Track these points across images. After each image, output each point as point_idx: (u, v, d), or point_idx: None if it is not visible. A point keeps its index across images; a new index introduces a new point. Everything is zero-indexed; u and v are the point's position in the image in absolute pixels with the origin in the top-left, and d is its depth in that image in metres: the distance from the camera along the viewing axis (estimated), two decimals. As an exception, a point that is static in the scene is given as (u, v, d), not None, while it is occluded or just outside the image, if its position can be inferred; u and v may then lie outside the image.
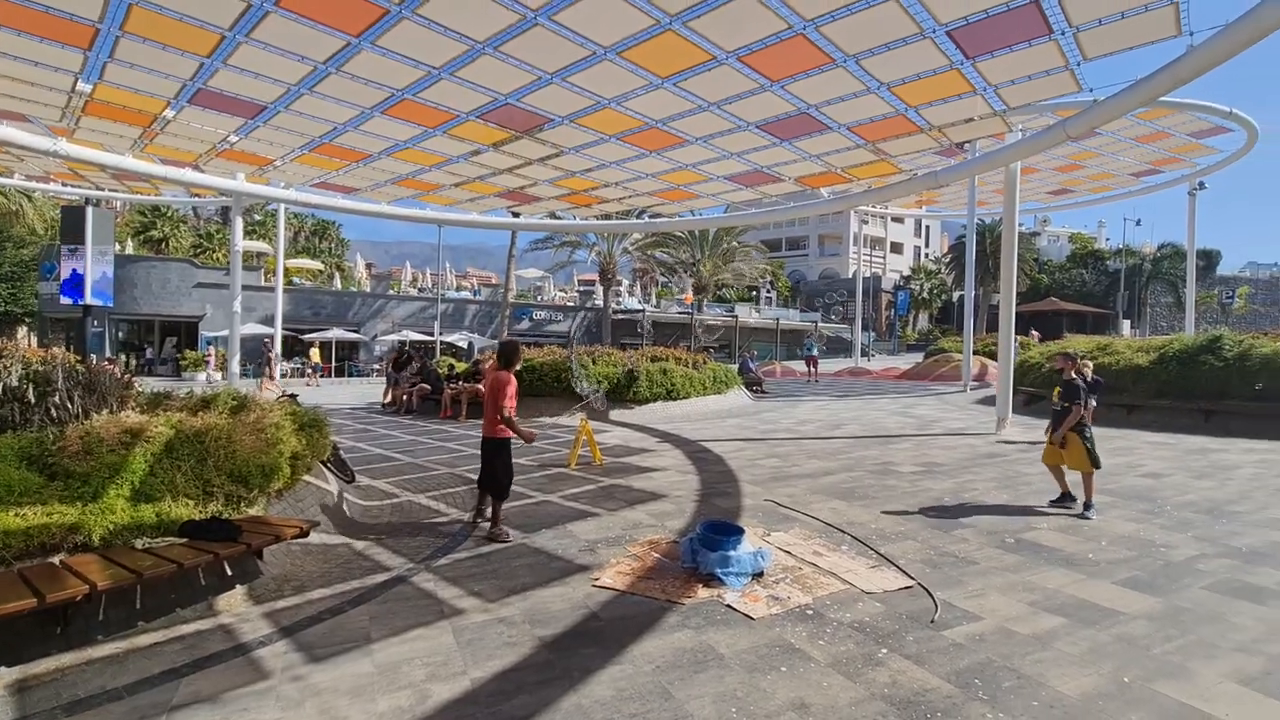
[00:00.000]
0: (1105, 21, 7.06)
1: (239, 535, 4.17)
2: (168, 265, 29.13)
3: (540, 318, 38.86)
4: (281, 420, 5.51)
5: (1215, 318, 45.60)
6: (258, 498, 4.97)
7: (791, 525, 5.78)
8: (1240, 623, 3.75)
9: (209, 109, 9.86)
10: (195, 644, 3.59)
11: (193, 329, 28.47)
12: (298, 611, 4.01)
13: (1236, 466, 8.25)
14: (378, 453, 9.81)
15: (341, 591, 4.32)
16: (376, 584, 4.46)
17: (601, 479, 7.74)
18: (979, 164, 13.02)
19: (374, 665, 3.35)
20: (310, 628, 3.79)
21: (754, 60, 8.06)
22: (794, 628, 3.74)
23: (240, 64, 8.33)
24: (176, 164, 12.92)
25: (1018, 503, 6.52)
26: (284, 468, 5.20)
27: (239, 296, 15.90)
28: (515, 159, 12.13)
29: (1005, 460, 8.87)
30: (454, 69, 8.42)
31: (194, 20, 7.29)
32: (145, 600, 3.81)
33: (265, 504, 5.10)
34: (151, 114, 10.11)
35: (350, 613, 4.00)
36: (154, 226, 36.89)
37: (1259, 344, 11.73)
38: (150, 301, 27.89)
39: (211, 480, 4.70)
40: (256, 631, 3.74)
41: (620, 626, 3.78)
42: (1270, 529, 5.53)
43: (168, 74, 8.66)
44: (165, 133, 11.00)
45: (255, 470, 4.94)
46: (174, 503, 4.37)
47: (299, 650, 3.52)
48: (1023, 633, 3.64)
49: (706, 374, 15.60)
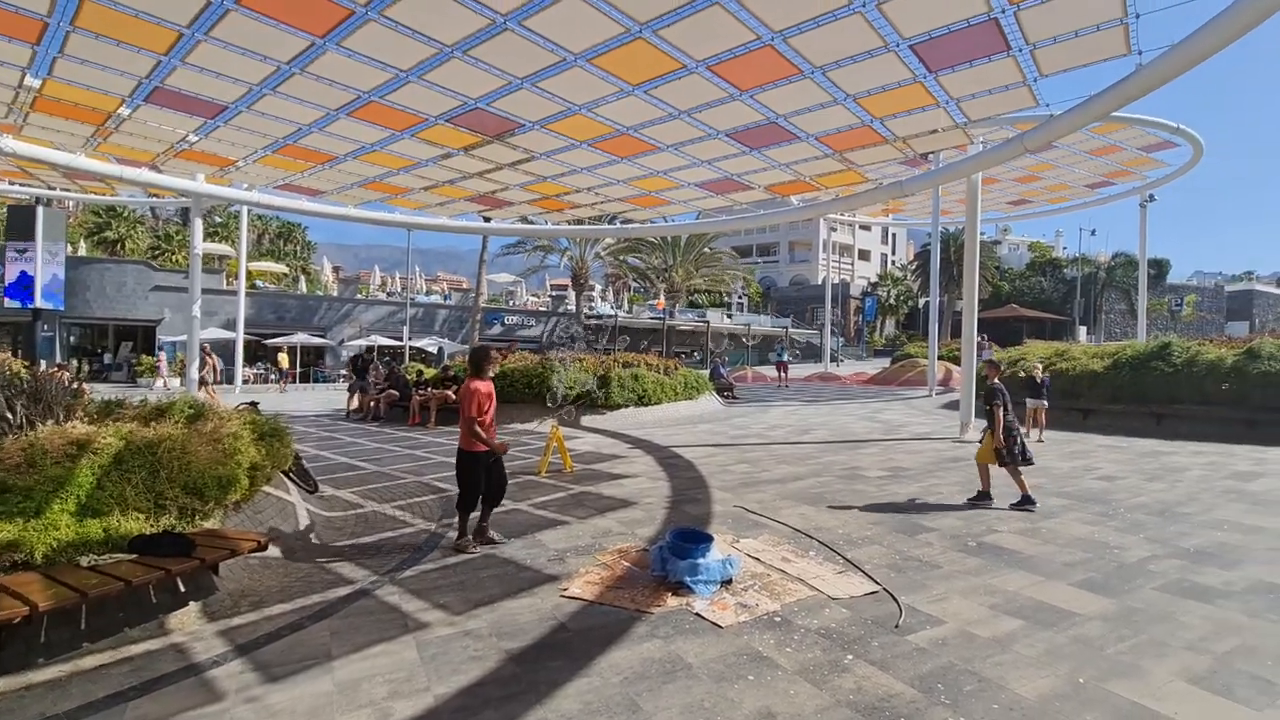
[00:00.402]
0: (1060, 39, 7.31)
1: (192, 550, 4.02)
2: (123, 267, 28.15)
3: (512, 323, 38.56)
4: (240, 430, 5.34)
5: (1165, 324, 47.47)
6: (214, 510, 4.81)
7: (761, 531, 5.81)
8: (1189, 622, 3.88)
9: (166, 108, 9.57)
10: (144, 665, 3.44)
11: (150, 333, 27.54)
12: (255, 628, 3.88)
13: (1186, 469, 8.56)
14: (342, 461, 9.60)
15: (301, 606, 4.19)
16: (338, 598, 4.34)
17: (572, 486, 7.68)
18: (942, 174, 13.35)
19: (334, 683, 3.26)
20: (268, 645, 3.67)
21: (723, 70, 8.14)
22: (762, 635, 3.75)
23: (199, 62, 8.11)
24: (133, 164, 12.49)
25: (980, 506, 6.65)
26: (242, 479, 5.04)
27: (198, 300, 15.42)
28: (486, 163, 12.03)
29: (969, 464, 9.04)
30: (422, 72, 8.32)
31: (149, 17, 7.07)
32: (91, 620, 3.65)
33: (222, 517, 4.94)
34: (105, 112, 9.77)
35: (310, 629, 3.88)
36: (109, 227, 35.67)
37: (1204, 350, 12.24)
38: (104, 305, 26.90)
39: (164, 493, 4.53)
40: (210, 651, 3.60)
41: (589, 637, 3.74)
42: (1216, 530, 5.74)
43: (122, 71, 8.38)
44: (120, 131, 10.64)
45: (211, 482, 4.77)
46: (123, 517, 4.20)
47: (255, 669, 3.40)
48: (983, 636, 3.71)
49: (678, 379, 15.65)
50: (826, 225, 46.52)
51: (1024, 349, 17.92)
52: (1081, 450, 10.14)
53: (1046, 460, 9.28)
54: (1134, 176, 18.38)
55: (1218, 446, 10.29)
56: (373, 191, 14.40)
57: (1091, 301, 49.99)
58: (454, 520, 6.23)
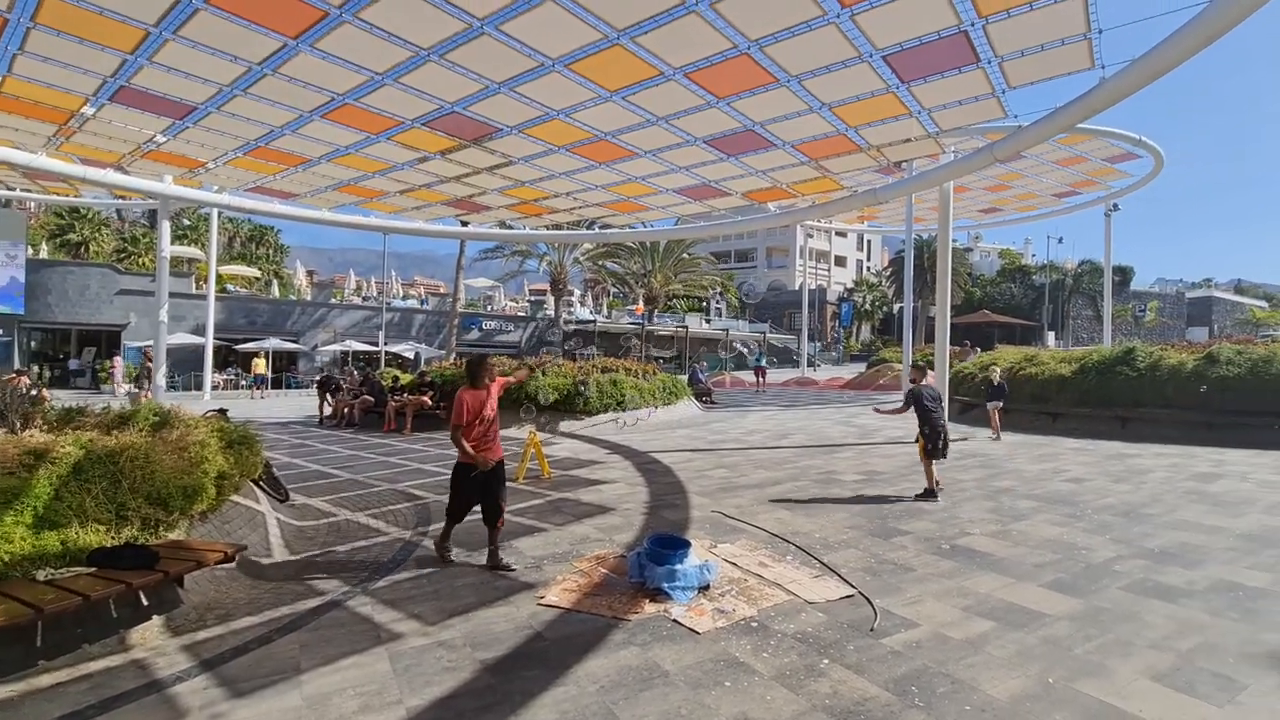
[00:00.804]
0: (1027, 53, 7.50)
1: (155, 562, 3.90)
2: (87, 270, 27.37)
3: (490, 328, 38.29)
4: (207, 438, 5.21)
5: (1130, 330, 48.89)
6: (179, 521, 4.67)
7: (738, 536, 5.82)
8: (1152, 621, 3.97)
9: (133, 107, 9.33)
10: (103, 683, 3.32)
11: (115, 338, 26.77)
12: (221, 642, 3.77)
13: (1150, 470, 8.79)
14: (315, 469, 9.41)
15: (270, 619, 4.09)
16: (308, 609, 4.24)
17: (549, 493, 7.63)
18: (915, 182, 13.59)
19: (302, 698, 3.18)
20: (234, 660, 3.57)
21: (701, 77, 8.20)
22: (739, 641, 3.75)
23: (167, 62, 7.93)
24: (97, 164, 12.16)
25: (952, 509, 6.75)
26: (209, 488, 4.91)
27: (165, 304, 15.05)
28: (463, 167, 11.95)
29: (941, 467, 9.18)
30: (398, 75, 8.23)
31: (115, 14, 6.90)
32: (47, 637, 3.51)
33: (188, 527, 4.80)
34: (68, 110, 9.50)
35: (279, 642, 3.79)
36: (73, 229, 34.68)
37: (1167, 355, 12.59)
38: (67, 309, 26.12)
39: (126, 504, 4.38)
40: (174, 666, 3.49)
41: (565, 646, 3.71)
42: (1179, 530, 5.90)
43: (86, 69, 8.16)
44: (84, 131, 10.35)
45: (176, 491, 4.64)
46: (82, 529, 4.06)
47: (221, 685, 3.30)
48: (956, 638, 3.75)
49: (656, 385, 15.66)
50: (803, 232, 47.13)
51: (995, 354, 18.29)
52: (1051, 453, 10.36)
53: (1017, 463, 9.46)
54: (1099, 186, 18.91)
55: (1180, 448, 10.59)
56: (347, 195, 14.20)
57: (1059, 307, 51.24)
58: (430, 528, 6.18)
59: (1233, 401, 11.23)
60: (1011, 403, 14.29)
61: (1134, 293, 55.09)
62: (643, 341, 38.97)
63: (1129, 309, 52.28)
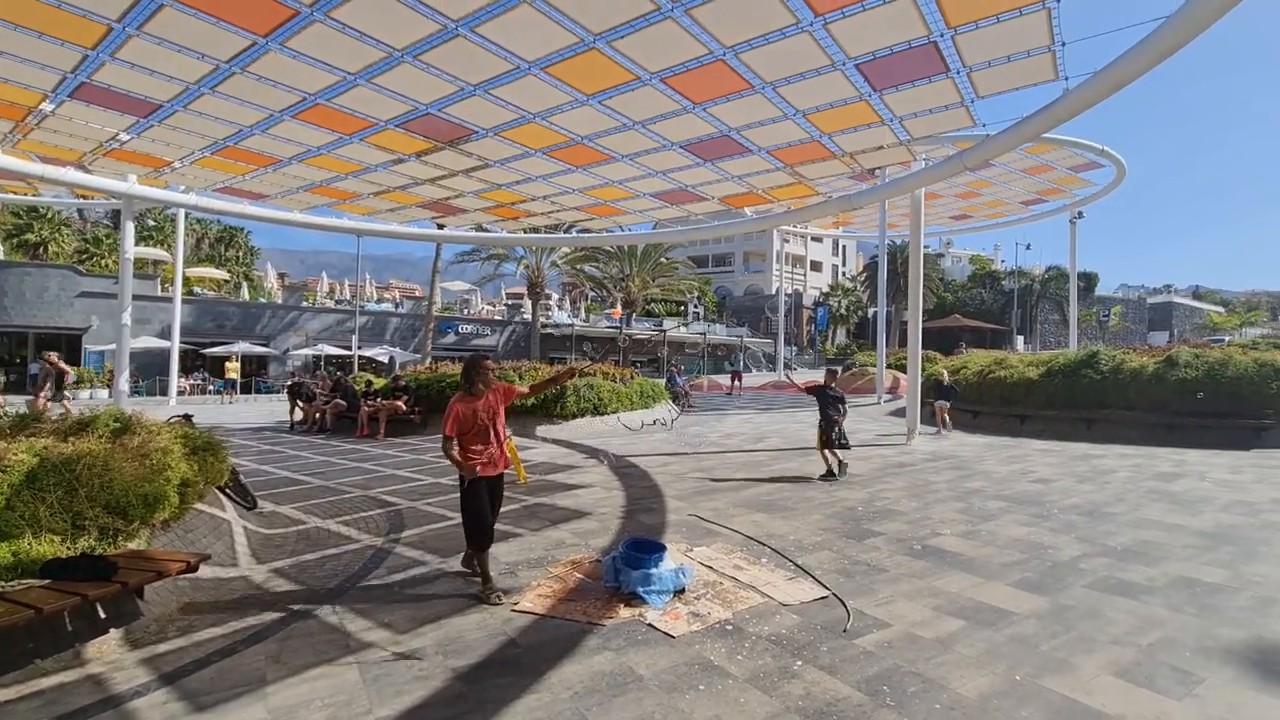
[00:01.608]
0: (994, 64, 7.68)
1: (113, 573, 3.77)
2: (45, 272, 26.52)
3: (467, 331, 37.97)
4: (170, 444, 5.06)
5: (1095, 334, 50.26)
6: (139, 530, 4.53)
7: (714, 539, 5.84)
8: (1115, 617, 4.07)
9: (95, 104, 9.08)
10: (56, 699, 3.20)
11: (75, 342, 25.94)
12: (182, 655, 3.66)
13: (1114, 471, 9.03)
14: (284, 475, 9.21)
15: (234, 630, 3.98)
16: (275, 620, 4.14)
17: (525, 498, 7.57)
18: (887, 189, 13.81)
19: (267, 710, 3.10)
20: (196, 673, 3.47)
21: (676, 83, 8.24)
22: (713, 644, 3.75)
23: (131, 58, 7.73)
24: (57, 162, 11.81)
25: (924, 510, 6.85)
26: (171, 496, 4.77)
27: (129, 308, 14.62)
28: (438, 170, 11.84)
29: (915, 469, 9.34)
30: (371, 75, 8.14)
31: (75, 9, 6.71)
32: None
33: (149, 537, 4.66)
34: (26, 107, 9.21)
35: (244, 653, 3.69)
36: (31, 229, 33.59)
37: (1129, 359, 12.97)
38: (24, 312, 25.26)
39: (83, 513, 4.24)
40: (132, 681, 3.38)
41: (539, 652, 3.67)
42: (1140, 528, 6.06)
43: (44, 65, 7.92)
44: (43, 128, 10.04)
45: (136, 500, 4.50)
46: (36, 540, 3.91)
47: (181, 699, 3.20)
48: (927, 637, 3.80)
49: (634, 389, 15.65)
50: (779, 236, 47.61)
51: (965, 358, 18.68)
52: (1019, 455, 10.58)
53: (987, 465, 9.64)
54: (1064, 195, 19.45)
55: (1142, 449, 10.89)
56: (320, 196, 13.97)
57: (1028, 312, 52.51)
58: (403, 534, 6.09)
59: (1191, 403, 11.60)
60: (981, 405, 14.62)
61: (1098, 298, 56.70)
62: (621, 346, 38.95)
63: (1094, 313, 53.78)
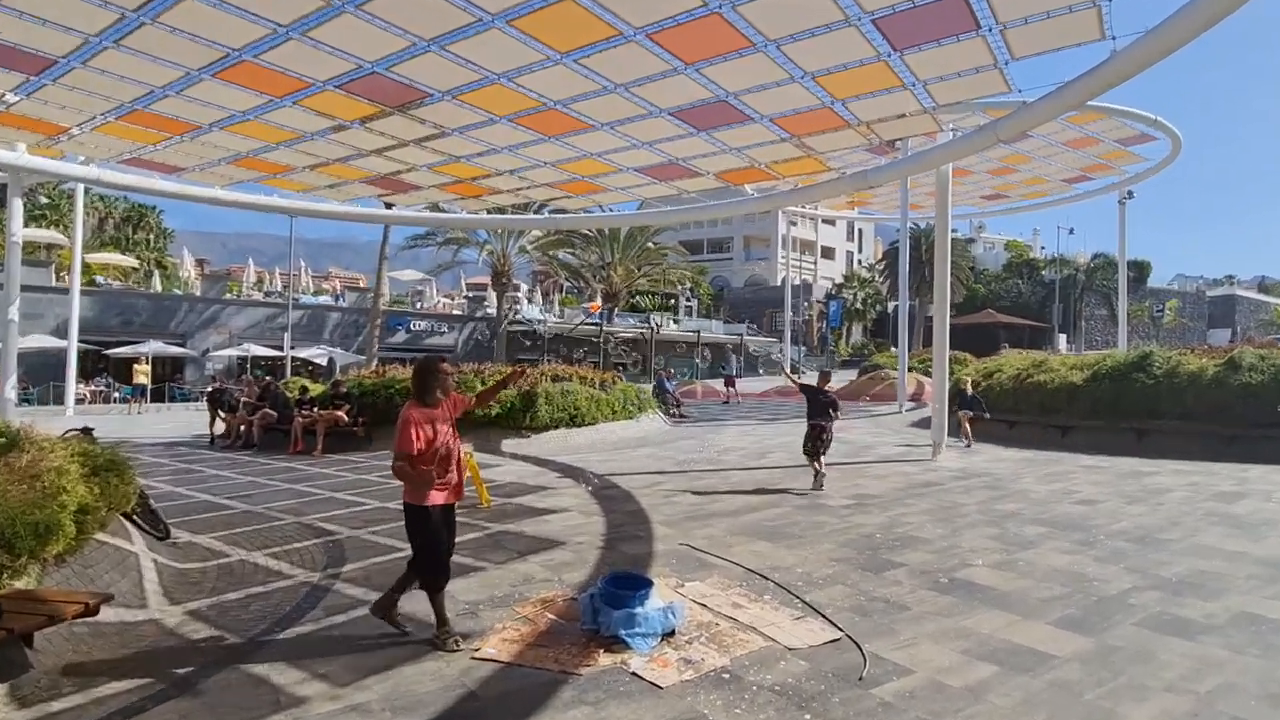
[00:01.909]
0: (1031, 20, 7.79)
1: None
2: (-85, 258, 25.95)
3: (420, 329, 37.79)
4: (66, 464, 4.98)
5: (1147, 331, 51.08)
6: (27, 566, 4.44)
7: (710, 573, 5.86)
8: (1168, 660, 4.14)
9: (-28, 60, 8.92)
10: (-75, 769, 3.14)
11: (-49, 341, 25.43)
12: (80, 714, 3.60)
13: (1168, 490, 9.19)
14: (203, 499, 9.12)
15: (142, 684, 3.93)
16: (190, 671, 4.09)
17: (489, 525, 7.55)
18: (909, 164, 13.97)
19: (180, 780, 3.06)
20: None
21: (665, 39, 8.26)
22: (708, 696, 3.76)
23: (17, 5, 7.60)
24: (-73, 128, 11.59)
25: (952, 538, 6.93)
26: (66, 525, 4.68)
27: (16, 300, 14.39)
28: (386, 139, 11.78)
29: (941, 490, 9.44)
30: (306, 28, 8.07)
31: (-50, -54, 6.59)
32: None
33: (39, 573, 4.58)
34: (-112, 62, 9.02)
35: (152, 712, 3.64)
36: (-103, 207, 32.90)
37: (1186, 361, 13.17)
38: (-111, 305, 24.69)
39: (-41, 546, 4.16)
40: (17, 746, 3.33)
41: (503, 707, 3.66)
42: (1198, 557, 6.17)
43: (-87, 12, 7.76)
44: (-90, 87, 9.84)
45: (25, 529, 4.41)
46: (-99, 579, 3.83)
47: (77, 767, 3.16)
48: (955, 685, 3.84)
49: (616, 396, 15.67)
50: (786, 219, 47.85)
51: (999, 360, 18.89)
52: (1060, 471, 10.73)
53: (1024, 483, 9.77)
54: (1112, 171, 19.75)
55: (1200, 465, 11.09)
56: (246, 170, 13.83)
57: (1071, 306, 53.21)
58: (344, 569, 6.04)
59: (1256, 412, 11.80)
60: (1018, 415, 14.80)
61: (1151, 290, 57.66)
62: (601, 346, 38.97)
63: (1146, 308, 54.63)
